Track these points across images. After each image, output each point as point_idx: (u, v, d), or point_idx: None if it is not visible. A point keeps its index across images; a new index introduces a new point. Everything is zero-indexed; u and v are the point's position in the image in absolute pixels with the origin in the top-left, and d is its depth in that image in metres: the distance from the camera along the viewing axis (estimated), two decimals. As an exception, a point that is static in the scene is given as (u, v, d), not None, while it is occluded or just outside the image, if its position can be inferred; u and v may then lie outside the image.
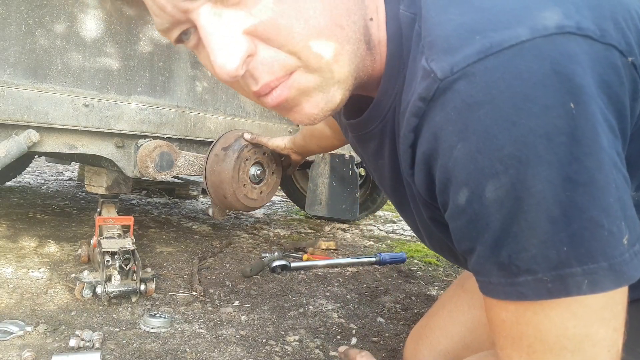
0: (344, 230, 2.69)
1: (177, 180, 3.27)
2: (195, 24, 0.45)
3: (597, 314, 0.41)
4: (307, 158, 2.04)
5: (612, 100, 0.40)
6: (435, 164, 0.45)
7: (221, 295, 1.42)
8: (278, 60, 0.45)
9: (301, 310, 1.37)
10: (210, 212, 1.72)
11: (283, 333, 1.20)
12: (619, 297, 0.41)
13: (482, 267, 0.45)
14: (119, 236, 1.41)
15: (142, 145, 1.47)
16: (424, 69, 0.43)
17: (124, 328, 1.13)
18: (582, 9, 0.40)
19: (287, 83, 0.47)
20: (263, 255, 1.89)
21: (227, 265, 1.74)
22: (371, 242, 2.44)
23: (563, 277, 0.39)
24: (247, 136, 1.47)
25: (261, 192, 1.66)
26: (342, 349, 1.06)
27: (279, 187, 2.94)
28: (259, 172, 1.63)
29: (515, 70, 0.38)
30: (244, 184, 1.59)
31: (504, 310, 0.44)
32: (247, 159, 1.56)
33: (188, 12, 0.44)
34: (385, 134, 0.55)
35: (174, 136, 1.57)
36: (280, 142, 1.45)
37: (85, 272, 1.28)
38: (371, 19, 0.49)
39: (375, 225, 2.99)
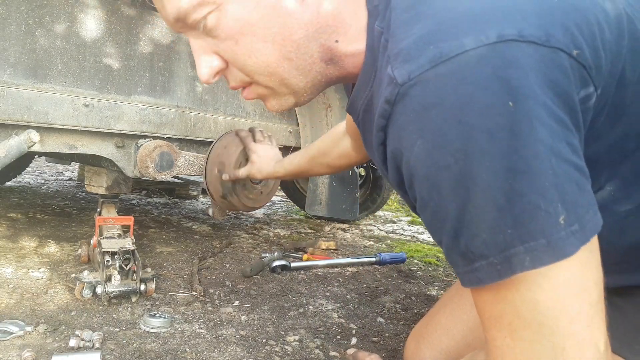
0: (344, 230, 2.69)
1: (177, 180, 3.28)
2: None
3: (565, 288, 0.44)
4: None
5: (561, 97, 0.45)
6: (402, 161, 0.50)
7: (221, 295, 1.42)
8: (239, 76, 0.61)
9: (301, 310, 1.37)
10: (210, 212, 1.72)
11: (283, 333, 1.20)
12: (585, 270, 0.44)
13: (451, 259, 0.49)
14: (119, 236, 1.41)
15: (142, 145, 1.47)
16: (389, 76, 0.49)
17: (124, 328, 1.13)
18: (529, 18, 0.45)
19: (249, 88, 0.63)
20: (263, 255, 1.89)
21: (227, 265, 1.74)
22: (371, 242, 2.44)
23: (509, 257, 0.43)
24: (225, 177, 1.50)
25: (261, 192, 1.66)
26: (350, 351, 1.06)
27: (279, 187, 2.94)
28: (259, 172, 1.63)
29: (460, 75, 0.44)
30: (244, 184, 1.59)
31: (481, 296, 0.49)
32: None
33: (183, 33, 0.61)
34: (367, 122, 0.64)
35: (174, 136, 1.57)
36: (265, 170, 1.44)
37: (85, 272, 1.28)
38: (336, 41, 0.59)
39: (375, 225, 2.99)
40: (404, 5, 0.51)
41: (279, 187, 2.91)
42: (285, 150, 2.00)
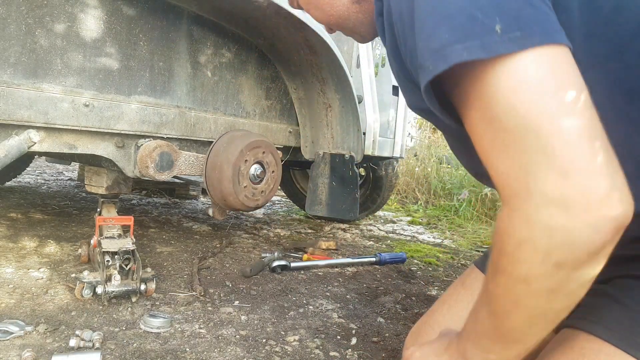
0: (344, 230, 2.69)
1: (177, 180, 3.28)
2: None
3: (532, 88, 0.46)
4: (307, 157, 2.04)
5: None
6: (390, 19, 0.60)
7: (221, 295, 1.42)
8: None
9: (301, 310, 1.37)
10: (210, 212, 1.72)
11: (283, 333, 1.20)
12: (548, 72, 0.46)
13: (416, 72, 0.56)
14: (119, 236, 1.41)
15: (142, 145, 1.47)
16: None
17: (124, 328, 1.13)
18: None
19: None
20: (263, 255, 1.89)
21: (227, 265, 1.74)
22: (371, 242, 2.44)
23: (446, 53, 0.48)
24: None
25: (261, 192, 1.66)
26: None
27: (279, 187, 2.94)
28: (259, 172, 1.63)
29: None
30: (244, 184, 1.59)
31: (473, 126, 0.52)
32: (247, 159, 1.56)
33: None
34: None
35: (174, 136, 1.57)
36: None
37: (85, 272, 1.28)
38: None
39: (375, 225, 2.99)
40: None
41: (279, 187, 2.91)
42: (285, 150, 2.00)
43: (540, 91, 0.45)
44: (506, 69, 0.46)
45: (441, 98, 0.57)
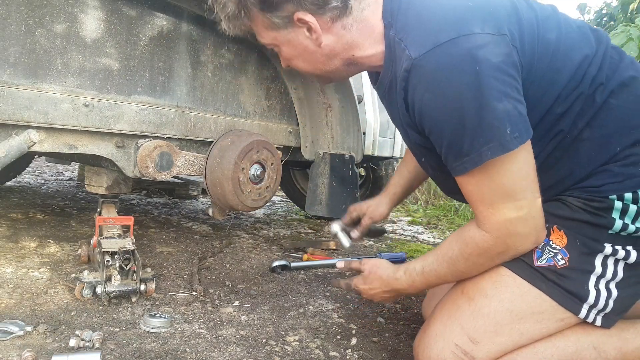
0: (344, 230, 2.68)
1: (177, 180, 3.28)
2: None
3: (517, 172, 0.85)
4: (307, 157, 2.04)
5: (510, 59, 0.82)
6: (414, 108, 0.89)
7: (221, 295, 1.42)
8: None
9: (301, 310, 1.37)
10: (210, 212, 1.72)
11: (283, 333, 1.20)
12: (526, 162, 0.85)
13: (447, 160, 0.89)
14: (119, 236, 1.41)
15: (142, 145, 1.47)
16: (406, 55, 0.86)
17: (124, 328, 1.13)
18: (486, 21, 0.83)
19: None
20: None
21: (227, 265, 1.74)
22: (371, 242, 2.44)
23: (480, 153, 0.82)
24: (341, 265, 1.29)
25: (261, 192, 1.66)
26: (340, 264, 1.29)
27: (279, 187, 2.94)
28: (259, 172, 1.63)
29: (449, 52, 0.81)
30: (244, 184, 1.59)
31: (469, 185, 0.89)
32: (243, 167, 1.56)
33: None
34: (392, 90, 0.96)
35: (174, 136, 1.57)
36: (382, 211, 1.44)
37: (85, 272, 1.28)
38: (353, 55, 0.99)
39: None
40: (411, 15, 0.89)
41: (279, 187, 2.90)
42: (285, 150, 1.99)
43: (519, 175, 0.86)
44: (506, 159, 0.83)
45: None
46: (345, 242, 1.44)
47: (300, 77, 1.90)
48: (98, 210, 1.63)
